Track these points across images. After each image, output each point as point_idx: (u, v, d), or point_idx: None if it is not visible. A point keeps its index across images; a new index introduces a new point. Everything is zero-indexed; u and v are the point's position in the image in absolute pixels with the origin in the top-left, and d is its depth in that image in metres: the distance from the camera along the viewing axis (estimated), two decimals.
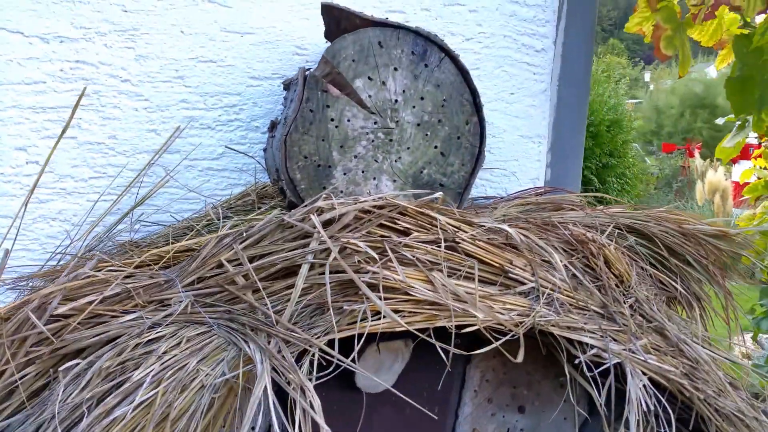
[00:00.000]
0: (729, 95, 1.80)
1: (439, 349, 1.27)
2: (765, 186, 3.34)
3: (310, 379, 1.19)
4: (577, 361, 1.38)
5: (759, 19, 1.85)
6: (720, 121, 3.28)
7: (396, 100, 1.49)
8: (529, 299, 1.38)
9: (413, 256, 1.30)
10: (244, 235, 1.28)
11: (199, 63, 1.66)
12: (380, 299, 1.23)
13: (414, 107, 1.51)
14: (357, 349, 1.20)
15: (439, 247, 1.32)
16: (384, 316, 1.25)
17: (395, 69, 1.49)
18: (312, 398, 1.14)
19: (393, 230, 1.35)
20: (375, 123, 1.48)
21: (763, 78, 1.66)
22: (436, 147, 1.53)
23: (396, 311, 1.27)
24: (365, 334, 1.43)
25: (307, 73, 1.45)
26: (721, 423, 1.46)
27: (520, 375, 1.71)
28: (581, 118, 2.00)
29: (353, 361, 1.54)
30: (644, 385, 1.38)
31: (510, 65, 1.88)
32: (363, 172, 1.48)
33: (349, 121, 1.46)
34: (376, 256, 1.24)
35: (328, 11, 1.52)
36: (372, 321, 1.25)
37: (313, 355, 1.21)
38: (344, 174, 1.47)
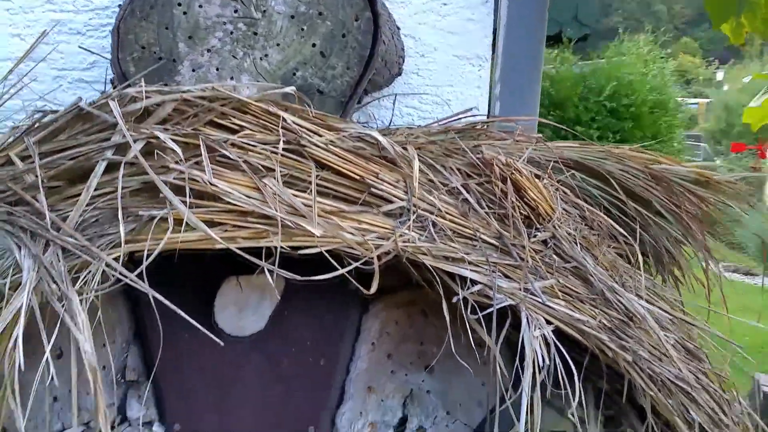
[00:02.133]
0: (706, 3, 1.45)
1: (267, 274, 1.01)
2: None
3: (94, 295, 0.95)
4: (455, 300, 1.09)
5: None
6: (746, 79, 2.85)
7: None
8: (398, 222, 1.10)
9: (240, 158, 1.04)
10: (37, 125, 1.06)
11: None
12: (186, 205, 0.99)
13: None
14: (146, 263, 0.96)
15: (277, 149, 1.06)
16: (193, 228, 1.00)
17: None
18: (78, 313, 0.90)
19: (228, 130, 1.10)
20: (235, 11, 1.23)
21: None
22: (314, 45, 1.27)
23: (213, 223, 1.02)
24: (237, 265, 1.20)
25: None
26: (656, 392, 1.13)
27: (428, 330, 1.43)
28: (537, 41, 1.68)
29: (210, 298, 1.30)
30: (544, 336, 1.07)
31: None
32: (218, 69, 1.24)
33: (201, 7, 1.22)
34: (180, 153, 0.99)
35: None
36: (182, 233, 1.00)
37: (98, 268, 0.97)
38: (193, 70, 1.23)
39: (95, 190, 1.02)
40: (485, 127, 1.47)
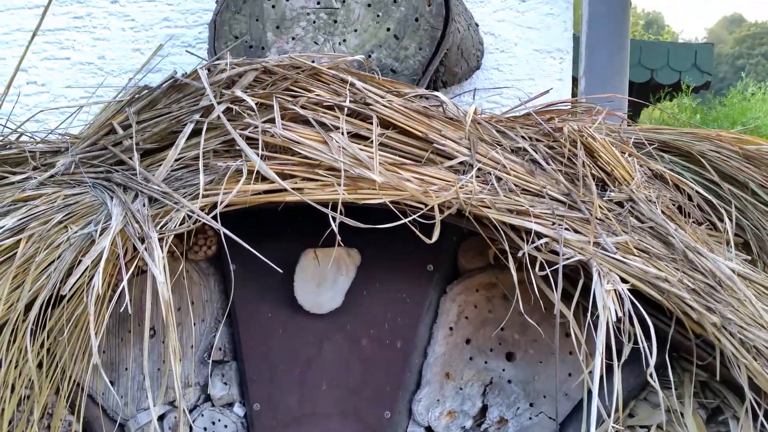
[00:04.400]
0: None
1: (333, 224, 1.05)
2: None
3: (166, 235, 1.04)
4: (520, 254, 1.06)
5: None
6: None
7: None
8: (460, 177, 1.11)
9: (311, 117, 1.11)
10: (137, 96, 1.20)
11: None
12: (258, 156, 1.06)
13: None
14: (220, 206, 1.03)
15: (344, 105, 1.12)
16: (264, 179, 1.07)
17: None
18: (154, 246, 0.99)
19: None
20: (318, 2, 1.35)
21: None
22: (388, 29, 1.35)
23: (285, 175, 1.09)
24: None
25: None
26: (750, 361, 1.01)
27: (511, 315, 1.38)
28: (621, 31, 1.67)
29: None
30: (619, 292, 1.01)
31: None
32: None
33: (288, 0, 1.34)
34: (255, 107, 1.08)
35: None
36: (252, 185, 1.07)
37: (180, 214, 1.06)
38: (279, 56, 1.34)
39: (181, 151, 1.13)
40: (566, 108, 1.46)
